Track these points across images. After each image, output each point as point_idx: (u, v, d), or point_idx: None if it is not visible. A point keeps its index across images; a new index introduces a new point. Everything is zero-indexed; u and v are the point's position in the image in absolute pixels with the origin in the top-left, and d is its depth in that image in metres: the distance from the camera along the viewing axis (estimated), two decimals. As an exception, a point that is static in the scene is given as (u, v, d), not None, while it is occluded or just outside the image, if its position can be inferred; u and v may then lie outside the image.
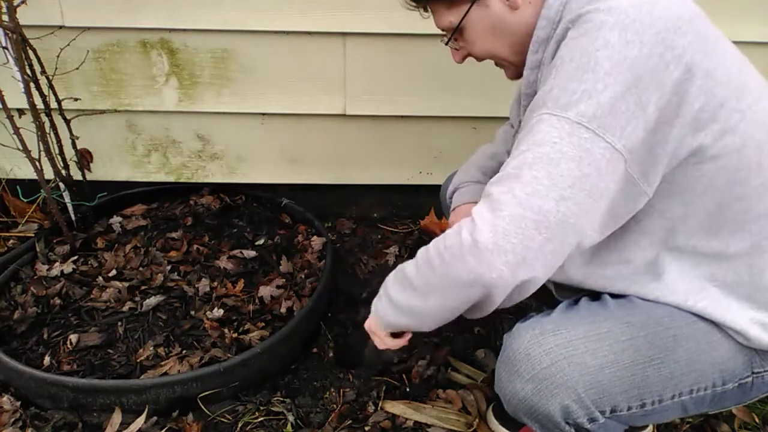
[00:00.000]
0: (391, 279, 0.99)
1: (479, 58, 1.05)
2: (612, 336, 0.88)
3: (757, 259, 0.88)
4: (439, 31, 1.06)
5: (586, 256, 0.93)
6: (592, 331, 0.88)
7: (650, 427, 1.25)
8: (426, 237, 1.96)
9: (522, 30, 0.94)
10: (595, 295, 0.98)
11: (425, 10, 1.03)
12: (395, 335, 1.06)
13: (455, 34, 1.01)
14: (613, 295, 0.96)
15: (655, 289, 0.92)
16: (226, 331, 1.42)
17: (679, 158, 0.82)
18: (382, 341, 1.06)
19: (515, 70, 1.04)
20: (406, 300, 0.94)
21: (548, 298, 1.07)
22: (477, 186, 1.23)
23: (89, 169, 1.80)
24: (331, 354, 1.48)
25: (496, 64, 1.07)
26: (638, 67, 0.76)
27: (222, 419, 1.29)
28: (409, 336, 1.07)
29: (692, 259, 0.91)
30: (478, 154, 1.31)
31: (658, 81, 0.77)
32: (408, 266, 0.94)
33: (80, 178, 1.70)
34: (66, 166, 1.63)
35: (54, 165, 1.56)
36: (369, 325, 1.06)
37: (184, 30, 1.65)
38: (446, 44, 1.06)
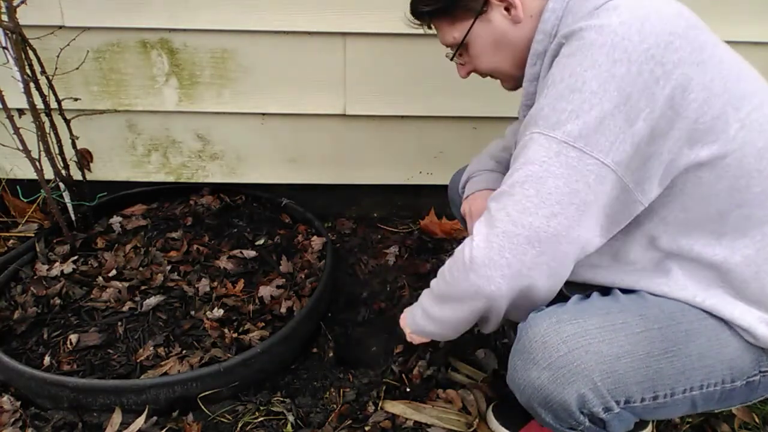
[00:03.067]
0: (428, 289, 1.09)
1: (483, 74, 1.09)
2: (627, 327, 0.89)
3: (763, 265, 0.89)
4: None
5: (593, 258, 0.94)
6: (607, 321, 0.89)
7: (650, 426, 1.25)
8: (426, 237, 1.96)
9: (523, 44, 0.97)
10: (605, 291, 0.99)
11: (429, 27, 1.06)
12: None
13: (460, 49, 1.04)
14: (624, 291, 0.97)
15: (663, 285, 0.93)
16: (226, 331, 1.42)
17: (678, 168, 0.84)
18: (412, 339, 1.17)
19: (513, 83, 1.06)
20: (430, 307, 1.06)
21: (557, 297, 1.08)
22: (491, 174, 1.24)
23: (89, 169, 1.80)
24: (331, 354, 1.48)
25: (495, 77, 1.09)
26: (626, 85, 0.79)
27: (222, 419, 1.29)
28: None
29: (697, 265, 0.92)
30: (490, 147, 1.33)
31: (649, 97, 0.79)
32: (437, 277, 1.04)
33: (80, 178, 1.70)
34: (66, 166, 1.63)
35: (54, 165, 1.56)
36: (403, 324, 1.18)
37: (184, 30, 1.65)
38: (451, 59, 1.08)
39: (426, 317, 1.08)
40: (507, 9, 0.95)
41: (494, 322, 0.98)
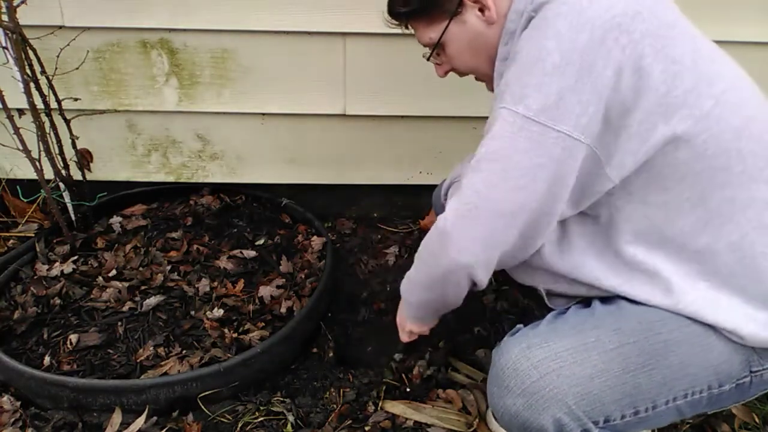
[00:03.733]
0: (404, 281, 1.12)
1: (461, 73, 1.10)
2: (600, 345, 0.88)
3: (748, 250, 0.87)
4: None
5: (577, 254, 0.94)
6: (579, 341, 0.88)
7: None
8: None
9: (496, 43, 0.96)
10: (586, 303, 0.98)
11: (406, 27, 1.07)
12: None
13: (437, 49, 1.05)
14: (604, 301, 0.96)
15: (646, 292, 0.92)
16: (226, 331, 1.42)
17: (655, 145, 0.83)
18: (407, 335, 1.23)
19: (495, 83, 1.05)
20: (411, 295, 1.10)
21: (540, 310, 1.08)
22: None
23: (89, 169, 1.80)
24: (331, 354, 1.48)
25: (477, 78, 1.10)
26: (590, 53, 0.78)
27: (222, 419, 1.29)
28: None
29: (681, 255, 0.90)
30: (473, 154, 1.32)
31: (614, 66, 0.78)
32: (413, 266, 1.07)
33: (80, 178, 1.70)
34: (66, 166, 1.63)
35: (54, 165, 1.56)
36: (401, 322, 1.22)
37: (184, 30, 1.65)
38: (428, 59, 1.09)
39: (414, 306, 1.13)
40: (481, 10, 0.95)
41: (483, 276, 0.98)
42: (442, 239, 0.91)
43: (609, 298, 0.96)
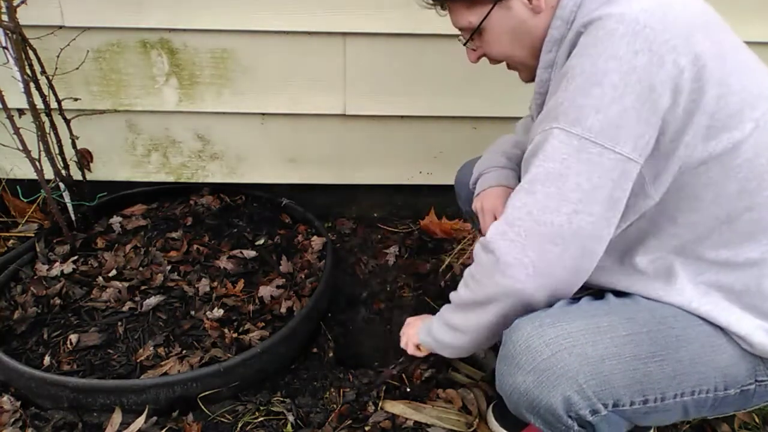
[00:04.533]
0: (447, 304, 1.08)
1: (495, 60, 1.05)
2: (613, 330, 0.88)
3: (766, 269, 0.88)
4: (439, 32, 1.06)
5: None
6: (592, 324, 0.88)
7: (652, 429, 1.25)
8: (426, 237, 1.96)
9: (541, 34, 0.94)
10: (599, 294, 0.98)
11: (443, 8, 1.02)
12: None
13: (474, 34, 0.99)
14: (618, 294, 0.96)
15: (659, 289, 0.92)
16: (226, 331, 1.42)
17: (690, 165, 0.83)
18: (415, 351, 1.21)
19: (530, 73, 1.03)
20: (451, 317, 1.05)
21: None
22: (502, 171, 1.22)
23: (89, 169, 1.80)
24: (331, 354, 1.48)
25: (510, 66, 1.06)
26: (649, 76, 0.77)
27: (222, 419, 1.29)
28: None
29: (700, 266, 0.91)
30: (500, 143, 1.30)
31: (672, 88, 0.78)
32: (459, 287, 1.03)
33: (80, 178, 1.70)
34: (66, 166, 1.63)
35: (54, 165, 1.56)
36: (414, 339, 1.19)
37: (184, 30, 1.65)
38: (464, 44, 1.05)
39: (446, 328, 1.06)
40: None
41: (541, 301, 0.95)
42: (491, 267, 0.88)
43: (623, 293, 0.97)
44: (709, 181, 0.84)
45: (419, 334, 1.16)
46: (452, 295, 1.04)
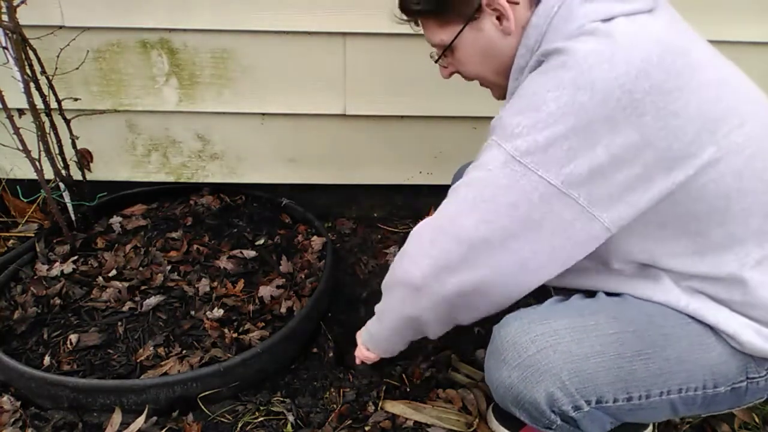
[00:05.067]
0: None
1: (467, 78, 1.08)
2: (599, 329, 0.89)
3: (750, 280, 0.88)
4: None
5: (580, 263, 0.93)
6: (578, 323, 0.90)
7: (650, 427, 1.25)
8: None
9: (509, 54, 0.95)
10: (590, 293, 0.99)
11: (416, 24, 1.04)
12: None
13: (446, 51, 1.02)
14: (609, 293, 0.97)
15: (648, 289, 0.93)
16: (226, 331, 1.42)
17: (654, 197, 0.82)
18: (360, 355, 1.26)
19: (501, 92, 1.04)
20: (377, 306, 1.12)
21: (547, 295, 1.08)
22: None
23: (89, 169, 1.80)
24: (331, 354, 1.48)
25: (482, 84, 1.08)
26: (587, 113, 0.77)
27: (222, 419, 1.29)
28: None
29: (680, 275, 0.92)
30: None
31: (611, 126, 0.77)
32: None
33: (80, 178, 1.70)
34: (66, 166, 1.63)
35: (54, 165, 1.56)
36: (359, 339, 1.25)
37: (184, 30, 1.65)
38: (436, 62, 1.07)
39: (374, 318, 1.14)
40: (498, 19, 0.92)
41: (432, 323, 0.99)
42: (402, 252, 0.95)
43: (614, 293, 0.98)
44: (675, 204, 0.84)
45: (362, 332, 1.23)
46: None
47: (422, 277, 0.90)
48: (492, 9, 0.92)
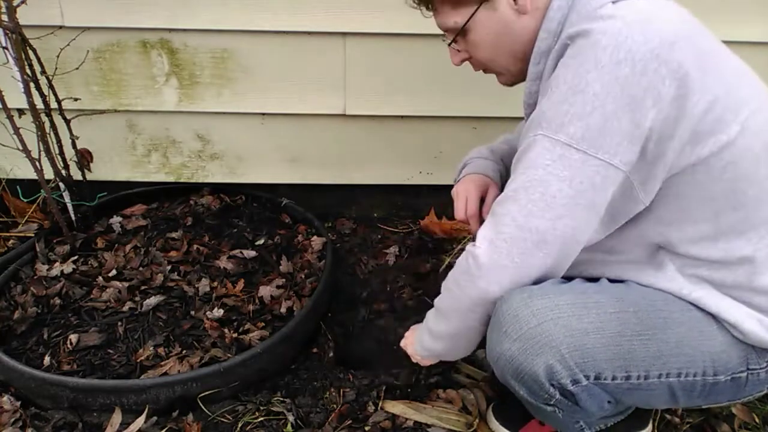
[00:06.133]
0: (431, 310, 1.11)
1: (477, 64, 1.06)
2: (600, 306, 0.91)
3: (759, 266, 0.89)
4: (439, 31, 1.06)
5: (584, 254, 0.95)
6: (580, 299, 0.92)
7: (650, 426, 1.25)
8: (426, 237, 1.96)
9: (525, 37, 0.95)
10: (593, 279, 1.00)
11: (428, 8, 1.02)
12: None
13: (459, 35, 1.00)
14: (611, 280, 0.98)
15: (651, 276, 0.95)
16: (226, 331, 1.42)
17: (677, 170, 0.85)
18: (419, 361, 1.23)
19: (510, 78, 1.04)
20: (436, 325, 1.08)
21: None
22: (484, 161, 1.25)
23: (89, 169, 1.80)
24: (331, 354, 1.48)
25: (487, 70, 1.07)
26: (631, 85, 0.79)
27: (222, 419, 1.29)
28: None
29: (688, 261, 0.93)
30: (497, 140, 1.35)
31: (655, 96, 0.79)
32: (441, 294, 1.06)
33: (80, 178, 1.70)
34: (66, 166, 1.63)
35: (54, 165, 1.56)
36: (411, 352, 1.21)
37: (184, 30, 1.65)
38: (449, 45, 1.05)
39: (434, 337, 1.10)
40: None
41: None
42: (474, 272, 0.91)
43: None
44: (697, 183, 0.86)
45: (415, 346, 1.19)
46: (436, 302, 1.07)
47: (502, 291, 0.92)
48: None
